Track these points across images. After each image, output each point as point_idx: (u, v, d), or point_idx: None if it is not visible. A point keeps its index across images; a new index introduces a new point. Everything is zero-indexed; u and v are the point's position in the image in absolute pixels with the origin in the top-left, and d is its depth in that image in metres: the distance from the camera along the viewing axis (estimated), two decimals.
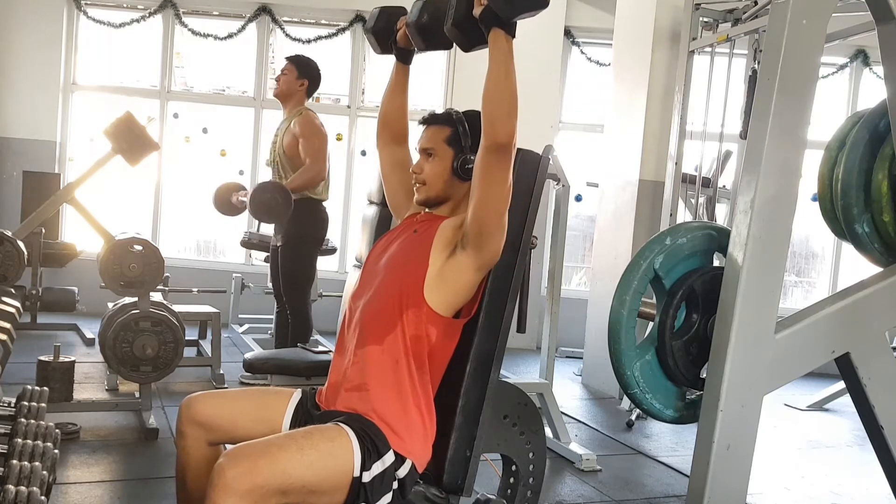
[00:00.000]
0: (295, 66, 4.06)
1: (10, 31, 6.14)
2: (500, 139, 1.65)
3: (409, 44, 1.98)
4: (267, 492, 1.54)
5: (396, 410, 1.75)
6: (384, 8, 2.05)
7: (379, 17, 2.04)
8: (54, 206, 3.58)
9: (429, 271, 1.77)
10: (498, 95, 1.65)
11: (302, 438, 1.65)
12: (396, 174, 2.09)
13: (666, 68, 4.83)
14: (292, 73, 4.05)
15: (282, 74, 4.08)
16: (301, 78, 4.05)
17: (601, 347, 2.54)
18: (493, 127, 1.65)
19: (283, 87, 4.05)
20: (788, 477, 3.61)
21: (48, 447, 1.42)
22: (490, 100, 1.66)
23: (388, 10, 2.04)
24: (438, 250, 1.79)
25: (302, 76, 4.05)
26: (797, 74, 2.04)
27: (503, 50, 1.64)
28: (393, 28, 2.01)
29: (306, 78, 4.06)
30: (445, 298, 1.78)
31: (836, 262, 6.63)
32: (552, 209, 3.71)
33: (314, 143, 3.92)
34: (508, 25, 1.63)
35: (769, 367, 2.09)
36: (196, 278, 5.79)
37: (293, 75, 4.05)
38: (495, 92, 1.65)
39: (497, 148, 1.65)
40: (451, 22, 1.71)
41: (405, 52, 2.02)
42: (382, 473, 1.68)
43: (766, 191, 2.04)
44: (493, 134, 1.65)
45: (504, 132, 1.64)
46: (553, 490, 3.15)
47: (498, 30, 1.64)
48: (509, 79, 1.64)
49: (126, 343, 3.34)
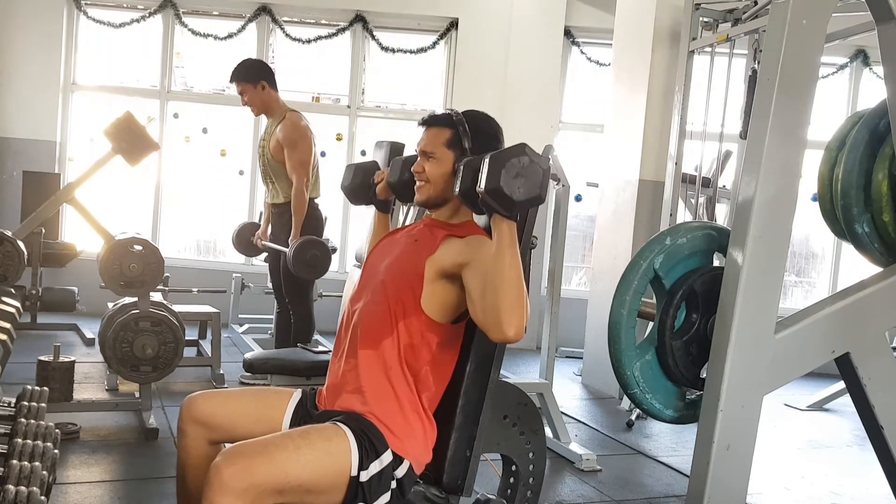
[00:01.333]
0: (243, 80, 3.94)
1: (10, 31, 6.14)
2: (507, 338, 1.55)
3: (389, 195, 2.07)
4: (264, 491, 1.54)
5: (394, 413, 1.75)
6: (358, 165, 2.15)
7: (355, 174, 2.13)
8: (54, 206, 3.58)
9: (424, 286, 1.77)
10: (502, 285, 1.55)
11: (299, 437, 1.65)
12: None
13: (666, 68, 4.83)
14: (246, 88, 3.94)
15: (243, 97, 3.98)
16: (256, 83, 3.94)
17: (601, 347, 2.54)
18: (499, 323, 1.54)
19: (255, 105, 3.98)
20: (788, 477, 3.61)
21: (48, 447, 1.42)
22: (493, 291, 1.56)
23: (361, 167, 2.14)
24: (435, 272, 1.77)
25: (255, 81, 3.94)
26: (797, 74, 2.04)
27: (504, 237, 1.58)
28: (369, 182, 2.10)
29: (260, 80, 3.95)
30: (442, 309, 1.78)
31: (836, 262, 6.63)
32: (552, 209, 3.71)
33: (297, 154, 3.88)
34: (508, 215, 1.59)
35: (769, 367, 2.08)
36: (196, 278, 5.79)
37: (249, 88, 3.94)
38: (499, 281, 1.56)
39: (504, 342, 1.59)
40: (458, 191, 1.71)
41: (385, 203, 2.13)
42: (380, 473, 1.68)
43: (766, 191, 2.04)
44: (500, 332, 1.55)
45: (512, 328, 1.53)
46: (553, 490, 3.15)
47: (499, 217, 1.59)
48: (514, 267, 1.56)
49: (126, 343, 3.34)
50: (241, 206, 6.54)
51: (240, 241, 4.54)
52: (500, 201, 1.55)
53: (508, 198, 1.53)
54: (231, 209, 6.56)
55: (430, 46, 6.40)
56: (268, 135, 4.01)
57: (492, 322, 1.56)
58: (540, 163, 1.56)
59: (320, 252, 3.78)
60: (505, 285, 1.55)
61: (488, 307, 1.57)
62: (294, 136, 3.89)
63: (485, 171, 1.56)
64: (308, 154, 3.92)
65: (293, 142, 3.88)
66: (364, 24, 6.40)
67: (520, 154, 1.55)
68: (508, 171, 1.53)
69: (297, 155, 3.88)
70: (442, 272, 1.77)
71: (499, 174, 1.53)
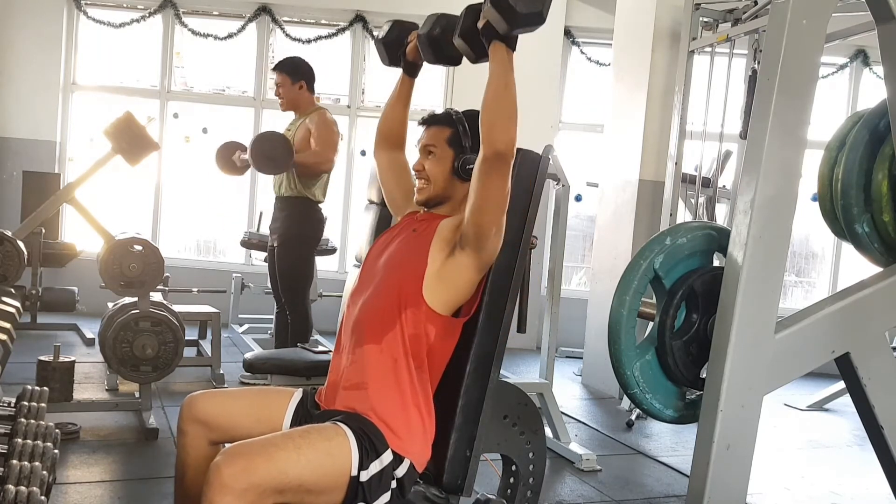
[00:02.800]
0: (286, 73, 4.00)
1: (10, 31, 6.14)
2: (499, 148, 1.65)
3: (418, 57, 2.03)
4: (264, 491, 1.54)
5: (395, 410, 1.75)
6: (397, 21, 2.10)
7: (391, 29, 2.09)
8: (54, 206, 3.58)
9: (427, 270, 1.78)
10: (497, 106, 1.66)
11: (299, 437, 1.65)
12: (393, 177, 2.13)
13: (666, 68, 4.83)
14: (286, 81, 3.99)
15: (278, 88, 4.01)
16: (297, 81, 3.99)
17: (601, 347, 2.54)
18: (492, 136, 1.65)
19: (286, 98, 4.01)
20: (788, 477, 3.61)
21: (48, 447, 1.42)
22: (489, 110, 1.67)
23: (400, 24, 2.10)
24: (437, 249, 1.79)
25: (296, 79, 3.99)
26: (797, 74, 2.04)
27: (503, 62, 1.67)
28: (403, 41, 2.06)
29: (302, 79, 4.01)
30: (444, 297, 1.78)
31: (836, 262, 6.63)
32: (552, 209, 3.71)
33: (327, 136, 3.91)
34: (508, 39, 1.66)
35: (769, 367, 2.08)
36: (196, 278, 5.79)
37: (288, 82, 3.99)
38: (494, 102, 1.66)
39: (496, 157, 1.66)
40: (459, 33, 1.76)
41: (413, 65, 2.08)
42: (381, 473, 1.68)
43: (766, 191, 2.04)
44: (492, 143, 1.65)
45: (503, 142, 1.65)
46: (553, 490, 3.15)
47: (498, 43, 1.67)
48: (509, 90, 1.66)
49: (126, 343, 3.34)
50: (241, 206, 6.54)
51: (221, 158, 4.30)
52: (504, 13, 1.60)
53: (512, 9, 1.59)
54: (231, 209, 6.57)
55: None
56: (294, 126, 4.02)
57: (486, 136, 1.66)
58: None
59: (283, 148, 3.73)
60: (501, 106, 1.65)
61: (484, 126, 1.67)
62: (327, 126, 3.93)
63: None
64: (336, 141, 3.96)
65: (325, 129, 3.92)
66: (364, 24, 6.40)
67: None
68: None
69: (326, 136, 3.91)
70: (444, 243, 1.79)
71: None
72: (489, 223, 1.71)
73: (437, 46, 1.91)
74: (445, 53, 1.91)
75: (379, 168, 2.16)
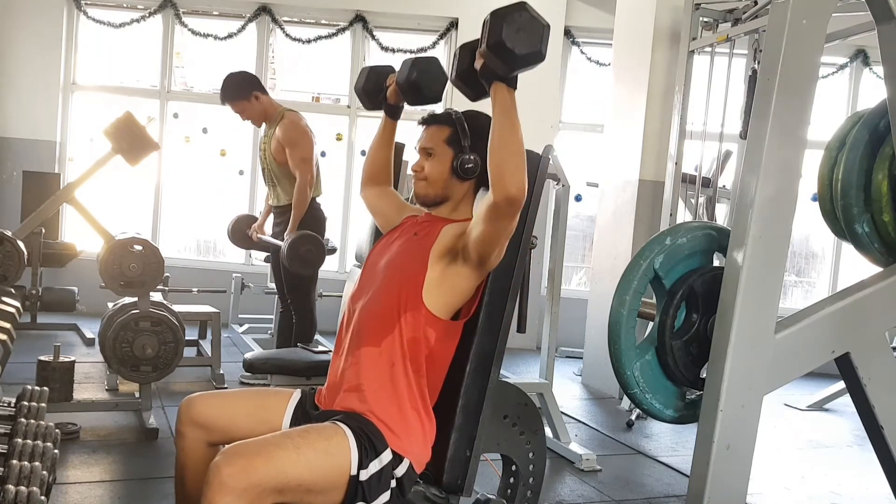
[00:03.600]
0: (237, 99, 3.89)
1: (10, 31, 6.14)
2: (511, 193, 1.60)
3: (399, 100, 2.06)
4: (263, 490, 1.54)
5: (393, 412, 1.75)
6: (372, 67, 2.13)
7: (368, 76, 2.11)
8: (54, 206, 3.58)
9: (428, 275, 1.78)
10: (505, 149, 1.62)
11: (299, 437, 1.65)
12: (384, 202, 2.15)
13: (666, 68, 4.83)
14: (241, 104, 3.90)
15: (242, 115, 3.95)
16: (249, 97, 3.89)
17: (601, 347, 2.54)
18: (503, 181, 1.61)
19: (254, 117, 3.96)
20: (788, 477, 3.61)
21: (48, 447, 1.42)
22: (497, 152, 1.63)
23: (375, 70, 2.12)
24: (438, 255, 1.79)
25: (248, 95, 3.89)
26: (797, 74, 2.04)
27: (506, 103, 1.63)
28: (382, 86, 2.08)
29: (251, 92, 3.90)
30: (444, 301, 1.78)
31: (836, 262, 6.63)
32: (552, 209, 3.71)
33: (299, 152, 3.87)
34: (508, 79, 1.64)
35: (769, 367, 2.08)
36: (196, 278, 5.79)
37: (245, 104, 3.90)
38: (502, 145, 1.62)
39: (508, 203, 1.62)
40: (455, 74, 1.75)
41: (395, 108, 2.10)
42: (380, 472, 1.68)
43: (766, 191, 2.04)
44: (504, 188, 1.61)
45: (514, 185, 1.60)
46: (553, 490, 3.15)
47: (499, 84, 1.64)
48: (515, 132, 1.62)
49: (126, 343, 3.34)
50: (241, 205, 6.54)
51: (235, 234, 4.47)
52: (503, 56, 1.57)
53: (510, 51, 1.56)
54: (231, 209, 6.56)
55: (430, 46, 6.39)
56: (267, 137, 4.00)
57: (496, 181, 1.62)
58: (540, 19, 1.59)
59: (314, 247, 3.76)
60: (509, 149, 1.61)
61: (493, 171, 1.63)
62: (294, 134, 3.88)
63: (487, 28, 1.59)
64: (309, 151, 3.92)
65: (293, 140, 3.88)
66: (364, 24, 6.40)
67: (520, 10, 1.57)
68: (510, 25, 1.55)
69: (298, 152, 3.87)
70: (445, 250, 1.78)
71: (501, 28, 1.55)
72: (494, 250, 1.72)
73: (417, 90, 1.94)
74: (426, 95, 1.95)
75: (368, 203, 2.19)
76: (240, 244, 4.55)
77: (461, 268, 1.76)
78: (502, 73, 1.62)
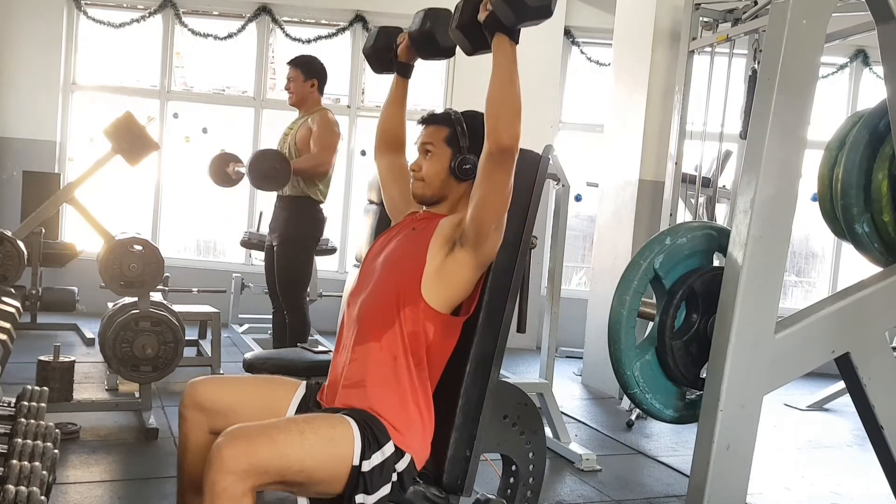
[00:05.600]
0: (300, 69, 4.01)
1: (10, 31, 6.14)
2: (503, 143, 1.64)
3: (410, 57, 2.05)
4: (265, 473, 1.55)
5: (394, 407, 1.75)
6: (381, 27, 2.11)
7: (378, 36, 2.10)
8: (54, 206, 3.58)
9: (426, 268, 1.78)
10: (502, 99, 1.64)
11: (304, 423, 1.66)
12: (393, 180, 2.13)
13: (666, 68, 4.83)
14: (299, 76, 4.00)
15: (290, 82, 4.01)
16: (309, 78, 4.00)
17: (601, 347, 2.54)
18: (497, 131, 1.64)
19: (296, 93, 4.00)
20: (788, 477, 3.61)
21: (48, 447, 1.42)
22: (494, 104, 1.65)
23: (385, 30, 2.11)
24: (437, 247, 1.79)
25: (309, 76, 4.00)
26: (797, 74, 2.04)
27: (507, 55, 1.65)
28: (392, 45, 2.07)
29: (314, 77, 4.01)
30: (443, 295, 1.78)
31: (836, 262, 6.63)
32: (552, 209, 3.71)
33: (326, 138, 3.89)
34: (512, 32, 1.64)
35: (769, 367, 2.08)
36: (196, 278, 5.79)
37: (300, 78, 3.99)
38: (499, 96, 1.64)
39: (501, 151, 1.65)
40: (456, 24, 1.73)
41: (405, 66, 2.09)
42: (382, 464, 1.68)
43: (766, 191, 2.04)
44: (497, 138, 1.64)
45: (508, 136, 1.63)
46: (553, 490, 3.15)
47: (502, 35, 1.64)
48: (513, 84, 1.64)
49: (126, 343, 3.34)
50: (241, 206, 6.54)
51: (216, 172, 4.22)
52: (513, 5, 1.57)
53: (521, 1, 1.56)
54: (231, 209, 6.57)
55: None
56: (296, 125, 4.02)
57: (490, 131, 1.64)
58: None
59: (281, 167, 3.71)
60: (505, 100, 1.63)
61: (489, 120, 1.64)
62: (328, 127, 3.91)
63: None
64: (335, 145, 3.95)
65: (326, 129, 3.90)
66: (364, 24, 6.40)
67: None
68: None
69: (326, 139, 3.89)
70: (444, 240, 1.78)
71: None
72: (490, 219, 1.71)
73: (430, 41, 1.91)
74: (440, 46, 1.92)
75: (379, 172, 2.17)
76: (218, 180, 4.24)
77: (459, 255, 1.76)
78: (509, 24, 1.62)
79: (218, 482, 1.51)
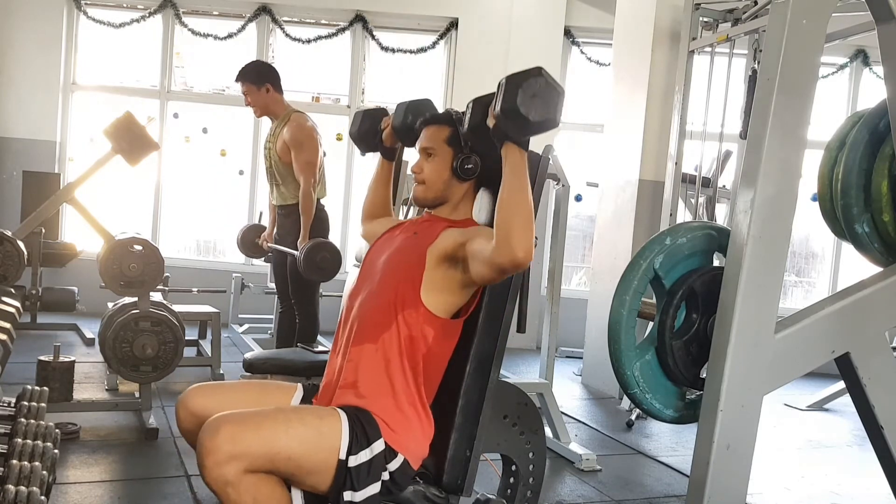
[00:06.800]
0: (248, 81, 3.92)
1: (10, 31, 6.14)
2: (518, 259, 1.56)
3: (394, 142, 2.09)
4: (254, 458, 1.56)
5: (389, 407, 1.75)
6: (366, 111, 2.16)
7: (362, 120, 2.13)
8: (54, 206, 3.58)
9: (426, 275, 1.78)
10: (514, 210, 1.58)
11: (292, 412, 1.69)
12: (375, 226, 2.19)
13: (666, 68, 4.83)
14: (251, 89, 3.92)
15: (246, 98, 3.95)
16: (262, 85, 3.91)
17: (601, 347, 2.54)
18: (510, 243, 1.56)
19: (257, 105, 3.95)
20: (788, 477, 3.61)
21: (48, 447, 1.42)
22: (505, 210, 1.59)
23: (369, 113, 2.14)
24: (436, 258, 1.79)
25: (261, 83, 3.91)
26: (797, 74, 2.04)
27: (516, 163, 1.61)
28: (377, 128, 2.11)
29: (266, 82, 3.93)
30: (443, 301, 1.78)
31: (836, 262, 6.63)
32: (552, 209, 3.71)
33: (304, 155, 3.86)
34: (521, 141, 1.62)
35: (769, 367, 2.08)
36: (196, 278, 5.79)
37: (254, 89, 3.92)
38: (511, 207, 1.58)
39: (514, 267, 1.59)
40: (468, 127, 1.74)
41: (390, 150, 2.14)
42: (370, 462, 1.68)
43: (766, 191, 2.04)
44: (510, 252, 1.56)
45: (522, 250, 1.55)
46: (553, 490, 3.15)
47: (510, 144, 1.62)
48: (524, 191, 1.60)
49: (126, 343, 3.34)
50: (241, 206, 6.55)
51: (244, 244, 4.62)
52: (516, 121, 1.56)
53: (524, 118, 1.54)
54: (231, 209, 6.57)
55: (430, 46, 6.40)
56: (273, 136, 3.99)
57: (502, 241, 1.57)
58: (556, 86, 1.57)
59: (330, 254, 3.79)
60: (517, 209, 1.58)
61: (499, 229, 1.58)
62: (300, 136, 3.88)
63: (501, 91, 1.57)
64: (315, 155, 3.91)
65: (299, 143, 3.87)
66: (364, 24, 6.40)
67: (536, 76, 1.56)
68: (525, 91, 1.54)
69: (303, 156, 3.87)
70: (443, 255, 1.78)
71: (516, 94, 1.54)
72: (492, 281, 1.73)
73: (411, 132, 1.97)
74: None
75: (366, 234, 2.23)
76: (250, 254, 4.71)
77: (461, 276, 1.76)
78: (514, 137, 1.60)
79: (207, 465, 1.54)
